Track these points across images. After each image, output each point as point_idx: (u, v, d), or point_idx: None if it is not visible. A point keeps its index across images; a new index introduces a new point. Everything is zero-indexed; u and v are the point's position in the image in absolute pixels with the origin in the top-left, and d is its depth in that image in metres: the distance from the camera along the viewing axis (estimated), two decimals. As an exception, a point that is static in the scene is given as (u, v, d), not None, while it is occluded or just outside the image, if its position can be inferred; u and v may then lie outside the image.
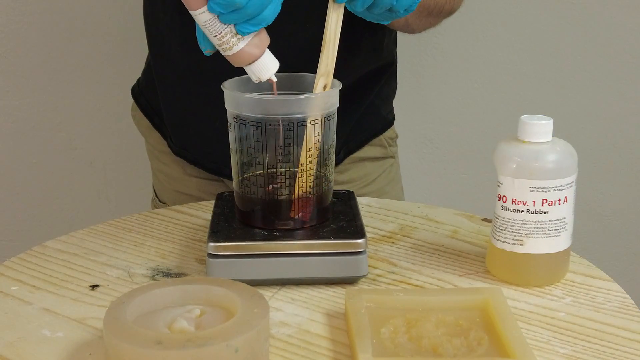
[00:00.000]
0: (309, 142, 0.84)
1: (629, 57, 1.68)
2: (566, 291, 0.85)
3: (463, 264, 0.91)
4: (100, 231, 0.99)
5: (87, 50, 1.67)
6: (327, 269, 0.84)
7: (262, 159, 0.84)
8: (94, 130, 1.73)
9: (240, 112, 0.83)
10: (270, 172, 0.85)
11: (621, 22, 1.65)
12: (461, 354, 0.70)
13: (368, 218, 1.01)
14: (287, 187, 0.85)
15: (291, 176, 0.85)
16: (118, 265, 0.90)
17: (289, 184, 0.85)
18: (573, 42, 1.67)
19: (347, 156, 1.18)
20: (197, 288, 0.73)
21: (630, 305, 0.82)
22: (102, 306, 0.81)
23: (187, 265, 0.90)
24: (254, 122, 0.83)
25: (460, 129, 1.72)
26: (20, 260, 0.91)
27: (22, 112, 1.70)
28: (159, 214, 1.04)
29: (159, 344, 0.64)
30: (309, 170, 0.85)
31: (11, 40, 1.64)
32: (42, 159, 1.74)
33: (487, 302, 0.77)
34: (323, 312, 0.81)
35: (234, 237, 0.85)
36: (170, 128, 1.18)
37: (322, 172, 0.87)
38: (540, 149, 0.83)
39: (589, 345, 0.75)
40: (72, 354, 0.73)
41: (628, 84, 1.70)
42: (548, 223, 0.83)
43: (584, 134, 1.72)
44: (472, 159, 1.75)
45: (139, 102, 1.24)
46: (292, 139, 0.83)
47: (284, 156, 0.84)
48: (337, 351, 0.74)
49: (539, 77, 1.69)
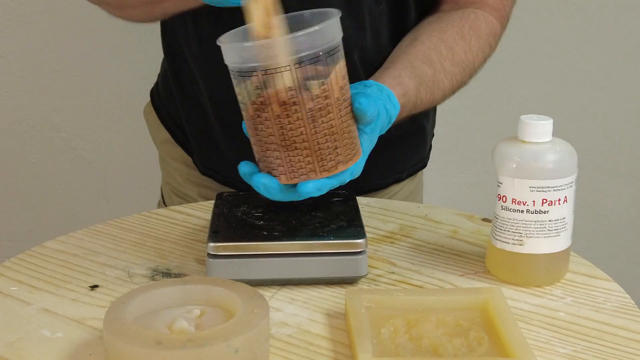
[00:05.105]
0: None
1: (629, 57, 1.68)
2: (566, 291, 0.85)
3: (463, 264, 0.91)
4: (99, 231, 0.99)
5: (86, 50, 1.67)
6: (327, 269, 0.84)
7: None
8: (93, 131, 1.73)
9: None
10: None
11: (621, 22, 1.65)
12: (461, 354, 0.70)
13: (368, 218, 1.01)
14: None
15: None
16: (118, 266, 0.90)
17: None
18: (573, 42, 1.67)
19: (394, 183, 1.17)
20: (197, 288, 0.73)
21: (630, 305, 0.82)
22: (102, 306, 0.81)
23: (187, 265, 0.90)
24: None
25: (460, 129, 1.72)
26: (20, 260, 0.91)
27: (22, 112, 1.70)
28: (158, 214, 1.04)
29: (159, 344, 0.64)
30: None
31: (11, 40, 1.64)
32: (42, 159, 1.74)
33: (487, 302, 0.77)
34: (323, 312, 0.81)
35: (234, 237, 0.85)
36: (196, 149, 1.14)
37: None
38: (540, 149, 0.83)
39: (589, 345, 0.75)
40: (72, 354, 0.73)
41: (628, 84, 1.70)
42: (548, 223, 0.83)
43: (584, 134, 1.73)
44: (472, 159, 1.75)
45: (159, 113, 1.19)
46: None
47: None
48: (337, 351, 0.74)
49: (539, 77, 1.69)
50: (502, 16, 1.05)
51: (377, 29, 1.02)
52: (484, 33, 1.02)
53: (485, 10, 1.03)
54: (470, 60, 1.00)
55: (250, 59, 0.75)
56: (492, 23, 1.03)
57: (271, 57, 0.74)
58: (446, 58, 0.97)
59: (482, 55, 1.02)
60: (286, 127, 0.76)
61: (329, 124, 0.77)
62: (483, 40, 1.02)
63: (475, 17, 1.02)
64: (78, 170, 1.76)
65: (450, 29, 1.00)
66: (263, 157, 0.80)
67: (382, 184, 1.14)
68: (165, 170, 1.23)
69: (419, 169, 1.20)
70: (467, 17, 1.01)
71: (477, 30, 1.01)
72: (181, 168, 1.18)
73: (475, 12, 1.02)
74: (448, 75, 0.97)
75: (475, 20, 1.01)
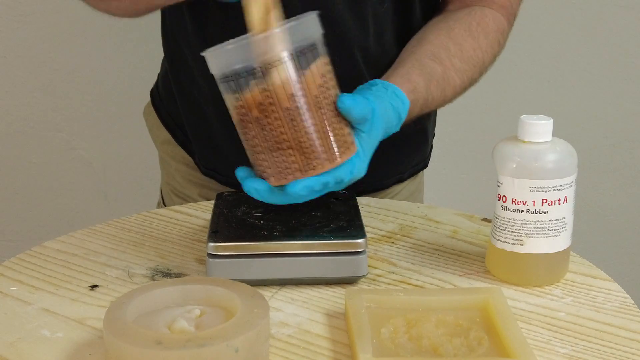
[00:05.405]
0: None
1: (629, 57, 1.68)
2: (566, 291, 0.85)
3: (463, 264, 0.91)
4: (99, 231, 0.98)
5: (87, 50, 1.67)
6: (327, 269, 0.84)
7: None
8: (93, 130, 1.73)
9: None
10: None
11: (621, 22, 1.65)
12: (461, 354, 0.70)
13: (368, 218, 1.01)
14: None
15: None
16: (117, 266, 0.90)
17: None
18: (573, 42, 1.67)
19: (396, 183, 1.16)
20: (197, 288, 0.73)
21: (630, 305, 0.82)
22: (102, 306, 0.81)
23: (187, 265, 0.90)
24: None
25: (460, 128, 1.72)
26: (20, 260, 0.91)
27: (22, 112, 1.70)
28: (158, 214, 1.04)
29: (159, 344, 0.64)
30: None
31: (11, 40, 1.64)
32: (42, 159, 1.74)
33: (487, 302, 0.77)
34: (323, 312, 0.81)
35: (234, 237, 0.85)
36: (197, 150, 1.13)
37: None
38: (540, 149, 0.83)
39: (589, 345, 0.75)
40: (72, 354, 0.73)
41: (628, 84, 1.70)
42: (548, 223, 0.83)
43: (584, 134, 1.73)
44: (472, 159, 1.75)
45: (159, 113, 1.19)
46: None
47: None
48: (337, 351, 0.74)
49: (539, 77, 1.69)
50: (510, 14, 1.05)
51: (380, 28, 1.01)
52: (492, 30, 1.01)
53: (493, 7, 1.03)
54: (479, 57, 0.99)
55: (226, 65, 0.76)
56: (499, 20, 1.02)
57: (243, 61, 0.75)
58: (455, 55, 0.96)
59: (491, 52, 1.01)
60: (266, 128, 0.77)
61: (310, 122, 0.77)
62: (491, 38, 1.01)
63: (482, 14, 1.01)
64: (78, 170, 1.76)
65: (457, 26, 0.99)
66: (253, 161, 0.81)
67: (384, 184, 1.14)
68: (166, 171, 1.22)
69: (420, 169, 1.20)
70: (474, 14, 1.01)
71: (485, 28, 1.00)
72: (182, 169, 1.17)
73: (483, 9, 1.02)
74: (458, 72, 0.97)
75: (483, 18, 1.01)
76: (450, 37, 0.98)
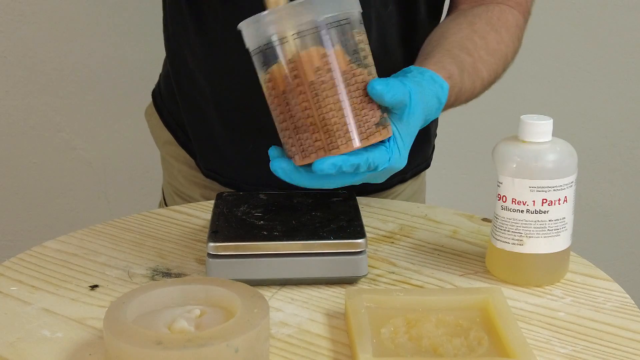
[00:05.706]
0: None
1: (629, 57, 1.68)
2: (566, 291, 0.85)
3: (463, 264, 0.91)
4: (99, 231, 0.99)
5: (87, 50, 1.67)
6: (327, 269, 0.84)
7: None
8: (93, 130, 1.73)
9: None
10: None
11: (621, 22, 1.65)
12: (461, 354, 0.70)
13: (368, 218, 1.01)
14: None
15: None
16: (117, 266, 0.90)
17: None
18: (573, 42, 1.67)
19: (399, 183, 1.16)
20: (197, 288, 0.73)
21: (630, 305, 0.82)
22: (102, 306, 0.81)
23: (187, 265, 0.90)
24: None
25: (460, 128, 1.72)
26: (20, 260, 0.91)
27: (22, 112, 1.70)
28: (158, 214, 1.04)
29: (159, 344, 0.64)
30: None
31: (11, 40, 1.64)
32: (42, 159, 1.74)
33: (487, 302, 0.77)
34: (323, 312, 0.81)
35: (234, 237, 0.85)
36: (198, 151, 1.13)
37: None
38: (540, 149, 0.83)
39: (589, 345, 0.75)
40: (72, 354, 0.73)
41: (628, 84, 1.70)
42: (548, 223, 0.83)
43: (584, 134, 1.73)
44: (472, 159, 1.75)
45: (161, 114, 1.18)
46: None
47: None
48: (337, 351, 0.74)
49: (539, 77, 1.69)
50: (525, 10, 1.04)
51: (383, 31, 1.01)
52: (512, 25, 1.00)
53: (509, 4, 1.02)
54: (503, 51, 0.98)
55: (259, 35, 0.74)
56: (517, 16, 1.02)
57: (270, 30, 0.73)
58: (481, 47, 0.94)
59: (513, 47, 1.00)
60: (291, 103, 0.75)
61: (335, 99, 0.74)
62: (512, 32, 1.00)
63: (500, 10, 1.01)
64: (78, 170, 1.76)
65: (478, 21, 0.98)
66: (283, 141, 0.78)
67: (387, 184, 1.14)
68: (168, 171, 1.22)
69: (422, 169, 1.19)
70: (492, 10, 1.00)
71: (506, 22, 0.99)
72: (184, 169, 1.17)
73: (500, 5, 1.01)
74: (485, 64, 0.94)
75: (502, 13, 1.00)
76: (473, 30, 0.96)
